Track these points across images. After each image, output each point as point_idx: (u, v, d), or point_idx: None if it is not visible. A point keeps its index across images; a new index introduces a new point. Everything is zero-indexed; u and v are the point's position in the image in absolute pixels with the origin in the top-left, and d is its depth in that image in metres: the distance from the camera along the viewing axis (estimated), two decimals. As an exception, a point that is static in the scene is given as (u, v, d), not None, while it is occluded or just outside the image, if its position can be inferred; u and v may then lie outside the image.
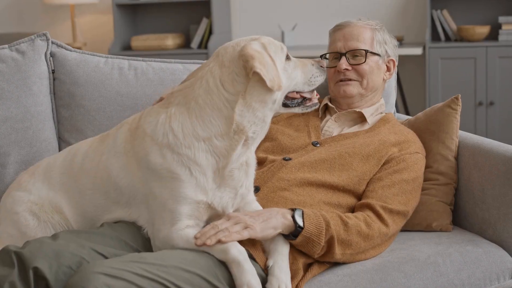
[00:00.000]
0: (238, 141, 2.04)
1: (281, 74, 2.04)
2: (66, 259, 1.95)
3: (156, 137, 2.05)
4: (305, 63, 2.13)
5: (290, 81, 2.09)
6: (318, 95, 2.19)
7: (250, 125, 2.03)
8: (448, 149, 2.55)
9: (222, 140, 2.03)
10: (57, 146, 2.68)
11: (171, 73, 2.74)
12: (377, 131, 2.49)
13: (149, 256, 1.96)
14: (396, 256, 2.25)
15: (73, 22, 6.07)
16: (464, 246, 2.32)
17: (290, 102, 2.12)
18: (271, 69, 2.00)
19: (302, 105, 2.14)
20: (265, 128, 2.08)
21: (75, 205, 2.19)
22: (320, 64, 2.15)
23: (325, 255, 2.17)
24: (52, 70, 2.69)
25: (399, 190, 2.34)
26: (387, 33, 2.63)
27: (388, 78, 2.64)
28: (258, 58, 1.99)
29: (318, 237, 2.12)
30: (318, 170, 2.35)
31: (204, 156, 2.03)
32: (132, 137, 2.11)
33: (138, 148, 2.08)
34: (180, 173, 2.03)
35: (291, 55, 2.14)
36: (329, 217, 2.16)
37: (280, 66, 2.05)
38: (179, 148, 2.02)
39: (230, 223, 2.03)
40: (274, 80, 1.99)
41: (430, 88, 5.37)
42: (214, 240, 1.99)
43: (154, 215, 2.08)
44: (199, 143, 2.03)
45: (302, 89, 2.13)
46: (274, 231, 2.08)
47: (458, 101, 2.58)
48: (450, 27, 5.50)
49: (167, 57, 5.30)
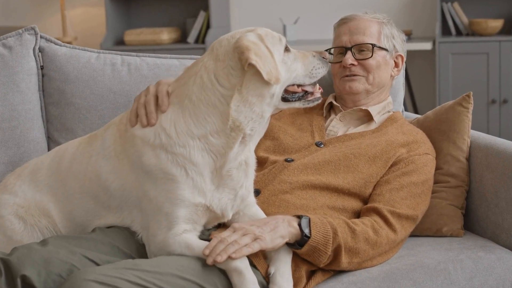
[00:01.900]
0: (235, 138, 2.03)
1: (279, 66, 2.04)
2: (56, 267, 1.95)
3: (147, 139, 2.05)
4: (306, 55, 2.13)
5: (289, 74, 2.09)
6: (321, 89, 2.18)
7: (248, 121, 2.03)
8: (459, 149, 2.54)
9: (218, 138, 2.03)
10: (46, 146, 2.68)
11: (167, 69, 2.73)
12: (384, 131, 2.49)
13: (143, 263, 1.95)
14: (404, 263, 2.25)
15: (63, 15, 6.06)
16: (476, 252, 2.32)
17: (290, 96, 2.11)
18: (268, 61, 2.00)
19: (304, 99, 2.14)
20: (263, 125, 2.08)
21: (63, 209, 2.19)
22: (322, 55, 2.15)
23: (331, 264, 2.17)
24: (40, 66, 2.69)
25: (408, 193, 2.33)
26: (395, 27, 2.63)
27: (396, 74, 2.64)
28: (254, 50, 1.99)
29: (325, 247, 2.11)
30: (322, 172, 2.35)
31: (200, 155, 2.03)
32: (122, 139, 2.11)
33: (130, 151, 2.09)
34: (176, 173, 2.03)
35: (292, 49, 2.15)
36: (336, 224, 2.15)
37: (278, 58, 2.05)
38: (173, 147, 2.03)
39: (238, 235, 2.01)
40: (272, 72, 1.99)
41: (440, 85, 5.37)
42: (224, 256, 1.97)
43: (149, 220, 2.08)
44: (194, 141, 2.03)
45: (303, 82, 2.12)
46: (282, 240, 2.07)
47: (470, 99, 2.58)
48: (461, 21, 5.50)
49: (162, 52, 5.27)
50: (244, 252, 1.99)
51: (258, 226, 2.05)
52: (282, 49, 2.08)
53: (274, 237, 2.05)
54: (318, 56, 2.14)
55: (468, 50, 5.34)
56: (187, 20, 5.95)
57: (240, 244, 1.99)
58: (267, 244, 2.03)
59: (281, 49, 2.08)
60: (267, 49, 2.03)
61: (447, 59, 5.35)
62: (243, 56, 1.99)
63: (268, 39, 2.06)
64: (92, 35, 6.26)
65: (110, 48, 5.63)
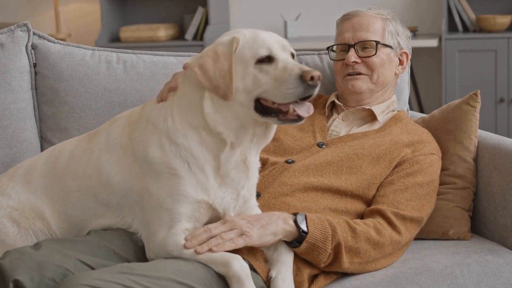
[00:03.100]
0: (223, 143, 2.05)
1: (236, 80, 2.01)
2: (49, 271, 1.95)
3: (158, 124, 2.08)
4: (286, 70, 2.00)
5: (254, 86, 2.01)
6: (300, 113, 2.01)
7: (228, 131, 2.04)
8: (466, 150, 2.55)
9: (209, 136, 2.05)
10: (39, 146, 2.68)
11: (164, 67, 2.74)
12: (388, 131, 2.49)
13: (140, 267, 1.96)
14: (409, 266, 2.25)
15: (56, 11, 6.07)
16: (484, 256, 2.32)
17: (266, 110, 2.03)
18: (218, 75, 2.00)
19: (277, 117, 2.04)
20: (249, 134, 2.06)
21: (59, 209, 2.20)
22: (306, 76, 1.97)
23: (332, 265, 2.17)
24: (33, 63, 2.69)
25: (413, 194, 2.34)
26: (400, 23, 2.63)
27: (400, 72, 2.64)
28: (197, 63, 2.02)
29: (324, 243, 2.12)
30: (323, 173, 2.35)
31: (199, 149, 2.05)
32: (132, 128, 2.13)
33: (137, 140, 2.10)
34: (178, 168, 2.04)
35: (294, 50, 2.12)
36: (335, 223, 2.16)
37: (241, 70, 2.02)
38: (176, 136, 2.05)
39: (225, 227, 2.05)
40: (219, 86, 2.00)
41: (446, 84, 5.37)
42: (205, 248, 2.01)
43: (149, 216, 2.08)
44: (193, 132, 2.05)
45: (273, 99, 2.01)
46: (274, 237, 2.09)
47: (477, 98, 2.59)
48: (468, 17, 5.50)
49: (159, 49, 5.30)
50: (226, 247, 2.02)
51: (248, 222, 2.07)
52: (252, 61, 2.01)
53: (264, 233, 2.07)
54: (296, 75, 1.98)
55: (476, 47, 5.34)
56: (185, 16, 5.95)
57: (224, 239, 2.02)
58: (254, 241, 2.06)
59: (251, 60, 2.01)
60: (229, 62, 2.00)
61: (453, 57, 5.35)
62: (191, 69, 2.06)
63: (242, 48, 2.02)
64: (87, 32, 6.26)
65: (105, 45, 5.63)
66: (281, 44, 2.06)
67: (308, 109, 2.02)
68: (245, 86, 2.01)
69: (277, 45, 2.05)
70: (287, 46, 2.08)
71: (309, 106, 2.03)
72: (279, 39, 2.07)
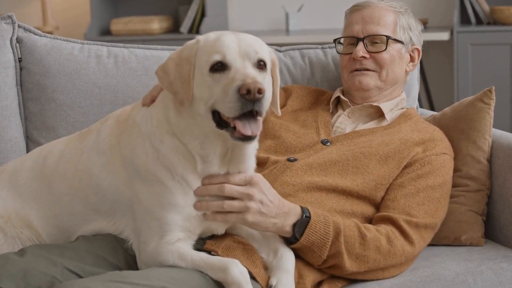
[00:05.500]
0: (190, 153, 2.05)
1: (194, 86, 2.00)
2: (35, 279, 1.95)
3: (141, 126, 2.09)
4: (233, 80, 1.93)
5: (208, 95, 1.99)
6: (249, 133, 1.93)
7: (190, 138, 2.04)
8: (480, 150, 2.55)
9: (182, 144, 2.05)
10: (24, 146, 2.68)
11: (157, 62, 2.73)
12: (397, 129, 2.49)
13: (131, 275, 1.95)
14: (419, 274, 2.25)
15: (43, 2, 6.07)
16: (498, 263, 2.32)
17: (224, 122, 1.99)
18: (178, 79, 2.01)
19: (230, 132, 1.98)
20: (217, 146, 2.04)
21: (48, 214, 2.20)
22: (242, 89, 1.89)
23: (333, 269, 2.19)
24: (18, 58, 2.69)
25: (425, 198, 2.34)
26: (413, 17, 2.63)
27: (411, 70, 2.64)
28: (162, 67, 2.05)
29: (320, 249, 2.14)
30: (328, 173, 2.35)
31: (176, 157, 2.05)
32: (120, 129, 2.13)
33: (124, 142, 2.10)
34: (161, 176, 2.05)
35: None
36: (343, 227, 2.17)
37: (199, 77, 2.00)
38: (155, 141, 2.06)
39: (237, 193, 2.05)
40: (178, 92, 2.00)
41: (458, 79, 5.37)
42: (204, 208, 2.05)
43: (140, 225, 2.08)
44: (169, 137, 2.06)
45: (222, 111, 1.96)
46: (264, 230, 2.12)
47: (492, 94, 2.59)
48: (481, 8, 5.51)
49: (153, 43, 5.30)
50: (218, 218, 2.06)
51: (264, 203, 2.08)
52: (206, 66, 1.98)
53: (261, 223, 2.09)
54: (236, 88, 1.91)
55: (490, 40, 5.34)
56: (180, 7, 5.95)
57: (225, 209, 2.05)
58: (248, 225, 2.09)
59: (206, 67, 1.98)
60: (186, 66, 2.00)
61: (466, 51, 5.36)
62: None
63: (186, 52, 2.02)
64: (75, 24, 6.26)
65: (95, 38, 5.64)
66: (244, 50, 1.98)
67: (253, 128, 1.94)
68: (200, 94, 2.00)
69: (235, 52, 1.97)
70: (253, 54, 1.98)
71: (257, 124, 1.95)
72: (245, 45, 1.99)
